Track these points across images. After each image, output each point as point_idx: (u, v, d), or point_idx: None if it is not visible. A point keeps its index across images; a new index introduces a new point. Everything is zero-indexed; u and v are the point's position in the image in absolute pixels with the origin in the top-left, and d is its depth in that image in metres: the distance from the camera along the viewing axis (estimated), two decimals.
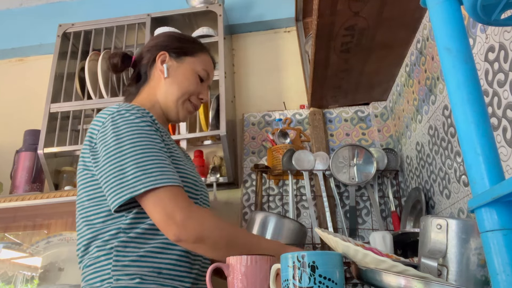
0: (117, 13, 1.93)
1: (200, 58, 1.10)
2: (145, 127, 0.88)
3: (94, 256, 0.87)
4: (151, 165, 0.83)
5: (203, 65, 1.10)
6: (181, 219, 0.80)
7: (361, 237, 1.51)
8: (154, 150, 0.86)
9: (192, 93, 1.07)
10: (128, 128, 0.86)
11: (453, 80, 0.48)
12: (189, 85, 1.06)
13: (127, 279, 0.82)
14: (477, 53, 0.90)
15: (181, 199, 0.83)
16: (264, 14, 2.03)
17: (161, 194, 0.82)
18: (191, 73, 1.07)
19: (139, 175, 0.81)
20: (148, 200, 0.82)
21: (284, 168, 1.56)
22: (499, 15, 0.48)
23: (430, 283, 0.52)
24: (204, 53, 1.13)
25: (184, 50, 1.09)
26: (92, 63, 1.75)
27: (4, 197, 1.59)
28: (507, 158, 0.81)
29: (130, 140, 0.85)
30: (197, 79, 1.08)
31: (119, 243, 0.85)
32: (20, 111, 2.06)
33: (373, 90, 1.66)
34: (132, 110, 0.90)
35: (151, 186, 0.81)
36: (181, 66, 1.07)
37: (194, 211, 0.82)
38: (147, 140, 0.86)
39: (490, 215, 0.43)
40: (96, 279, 0.85)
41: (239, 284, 0.68)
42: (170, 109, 1.06)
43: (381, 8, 1.17)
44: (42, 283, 1.46)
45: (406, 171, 1.52)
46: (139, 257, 0.85)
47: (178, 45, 1.09)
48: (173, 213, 0.80)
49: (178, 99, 1.05)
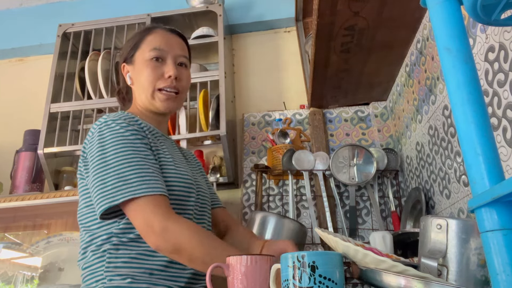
0: (117, 13, 1.93)
1: (145, 43, 1.04)
2: (129, 136, 0.89)
3: (90, 260, 0.90)
4: (132, 175, 0.84)
5: (149, 46, 1.03)
6: (159, 228, 0.81)
7: (361, 237, 1.51)
8: (136, 159, 0.86)
9: (153, 81, 1.00)
10: (113, 139, 0.88)
11: (453, 80, 0.48)
12: (146, 78, 1.00)
13: (119, 279, 0.85)
14: (477, 53, 0.90)
15: (161, 208, 0.83)
16: (264, 14, 2.03)
17: (141, 203, 0.83)
18: (143, 64, 1.02)
19: (120, 185, 0.83)
20: (129, 209, 0.84)
21: (284, 168, 1.56)
22: (499, 15, 0.48)
23: (430, 283, 0.52)
24: (149, 34, 1.06)
25: (131, 48, 1.06)
26: (92, 63, 1.75)
27: (4, 197, 1.59)
28: (507, 158, 0.81)
29: (113, 151, 0.87)
30: (152, 64, 1.01)
31: (112, 246, 0.88)
32: (20, 111, 2.06)
33: (373, 90, 1.66)
34: (118, 120, 0.92)
35: (130, 196, 0.82)
36: (135, 66, 1.04)
37: (172, 221, 0.82)
38: (131, 150, 0.87)
39: (490, 215, 0.43)
40: (92, 279, 0.88)
41: (239, 284, 0.68)
42: (149, 107, 1.03)
43: (381, 8, 1.17)
44: (42, 283, 1.46)
45: (406, 171, 1.52)
46: (131, 259, 0.87)
47: (127, 50, 1.07)
48: (152, 222, 0.82)
49: (147, 96, 1.01)
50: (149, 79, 1.00)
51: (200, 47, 1.82)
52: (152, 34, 1.05)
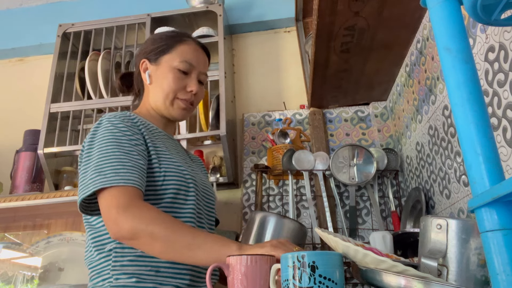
0: (117, 13, 1.93)
1: (177, 52, 1.05)
2: (117, 133, 0.90)
3: (96, 259, 0.90)
4: (108, 167, 0.84)
5: (182, 57, 1.05)
6: (115, 215, 0.79)
7: (361, 237, 1.51)
8: (116, 153, 0.86)
9: (175, 90, 1.03)
10: (101, 136, 0.89)
11: (453, 80, 0.48)
12: (169, 85, 1.02)
13: (125, 278, 0.85)
14: (477, 53, 0.90)
15: (126, 197, 0.81)
16: (264, 14, 2.03)
17: (110, 193, 0.82)
18: (169, 71, 1.03)
19: (95, 176, 0.84)
20: (99, 199, 0.84)
21: (284, 168, 1.56)
22: (499, 15, 0.48)
23: (430, 283, 0.52)
24: (183, 43, 1.07)
25: (159, 50, 1.06)
26: (92, 63, 1.75)
27: (4, 197, 1.59)
28: (507, 158, 0.81)
29: (98, 147, 0.88)
30: (178, 74, 1.03)
31: (117, 244, 0.87)
32: (20, 111, 2.06)
33: (373, 90, 1.66)
34: (113, 119, 0.92)
35: (100, 186, 0.82)
36: (159, 68, 1.05)
37: (132, 206, 0.79)
38: (113, 145, 0.87)
39: (490, 215, 0.43)
40: (98, 278, 0.88)
41: (239, 284, 0.68)
42: (163, 112, 1.05)
43: (381, 8, 1.17)
44: (42, 283, 1.46)
45: (406, 171, 1.52)
46: (136, 257, 0.86)
47: (153, 48, 1.07)
48: (110, 209, 0.80)
49: (165, 101, 1.03)
50: (172, 87, 1.02)
51: None
52: (185, 44, 1.07)
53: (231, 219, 1.65)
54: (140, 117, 1.00)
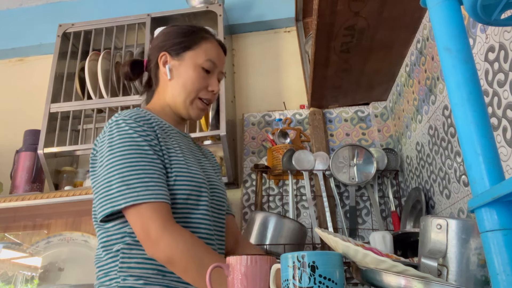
0: (117, 13, 1.93)
1: (202, 49, 1.03)
2: (137, 138, 0.88)
3: (104, 259, 0.90)
4: (136, 180, 0.83)
5: (206, 55, 1.02)
6: (155, 237, 0.81)
7: (361, 237, 1.51)
8: (142, 163, 0.85)
9: (198, 90, 1.01)
10: (121, 141, 0.87)
11: (453, 80, 0.48)
12: (194, 83, 1.00)
13: (132, 280, 0.84)
14: (477, 53, 0.90)
15: (160, 216, 0.82)
16: (264, 14, 2.03)
17: (142, 210, 0.82)
18: (194, 68, 1.01)
19: (123, 189, 0.83)
20: (130, 214, 0.84)
21: (284, 168, 1.56)
22: (499, 15, 0.48)
23: (430, 283, 0.52)
24: (207, 41, 1.05)
25: (183, 45, 1.03)
26: (92, 63, 1.75)
27: (4, 197, 1.59)
28: (507, 158, 0.81)
29: (120, 153, 0.86)
30: (201, 73, 1.01)
31: (125, 246, 0.87)
32: (20, 111, 2.06)
33: (373, 90, 1.66)
34: (129, 120, 0.90)
35: (131, 202, 0.82)
36: (182, 64, 1.02)
37: (169, 231, 0.81)
38: (137, 154, 0.86)
39: (490, 215, 0.43)
40: (105, 278, 0.88)
41: (239, 284, 0.68)
42: (180, 111, 1.02)
43: (381, 8, 1.17)
44: (42, 283, 1.46)
45: (406, 171, 1.52)
46: (144, 259, 0.86)
47: (176, 42, 1.03)
48: (149, 230, 0.81)
49: (185, 100, 1.00)
50: (195, 86, 1.00)
51: None
52: (209, 42, 1.05)
53: None
54: (153, 114, 0.97)
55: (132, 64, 1.09)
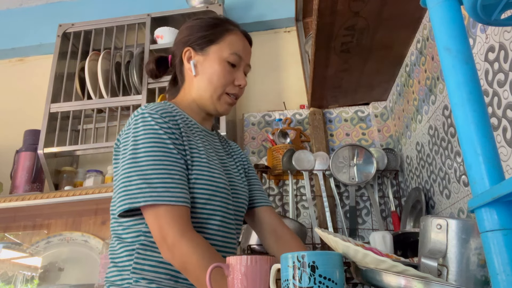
0: (117, 13, 1.93)
1: (226, 42, 1.00)
2: (163, 135, 0.86)
3: (118, 253, 0.89)
4: (158, 179, 0.81)
5: (231, 48, 0.99)
6: (172, 243, 0.79)
7: (361, 237, 1.51)
8: (165, 163, 0.83)
9: (225, 85, 0.98)
10: (146, 136, 0.85)
11: (453, 80, 0.48)
12: (220, 78, 0.97)
13: (145, 283, 0.83)
14: (477, 53, 0.90)
15: (178, 220, 0.81)
16: (264, 14, 2.03)
17: (161, 212, 0.81)
18: (219, 63, 0.98)
19: (143, 187, 0.81)
20: (148, 214, 0.82)
21: (284, 168, 1.56)
22: (499, 15, 0.48)
23: (430, 283, 0.52)
24: (231, 33, 1.01)
25: (207, 39, 1.00)
26: (92, 63, 1.75)
27: (4, 197, 1.59)
28: (507, 158, 0.81)
29: (144, 149, 0.84)
30: (227, 67, 0.98)
31: (140, 246, 0.86)
32: (20, 111, 2.06)
33: (373, 90, 1.66)
34: (155, 115, 0.87)
35: (151, 201, 0.80)
36: (207, 59, 0.99)
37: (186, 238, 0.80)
38: (161, 152, 0.84)
39: (490, 215, 0.43)
40: (118, 277, 0.87)
41: (239, 284, 0.68)
42: (208, 106, 0.99)
43: (381, 8, 1.17)
44: (42, 283, 1.46)
45: (406, 171, 1.52)
46: (157, 263, 0.85)
47: (200, 36, 1.00)
48: (166, 235, 0.80)
49: (212, 96, 0.97)
50: (222, 81, 0.98)
51: None
52: (233, 34, 1.02)
53: None
54: (179, 109, 0.95)
55: (158, 61, 1.06)
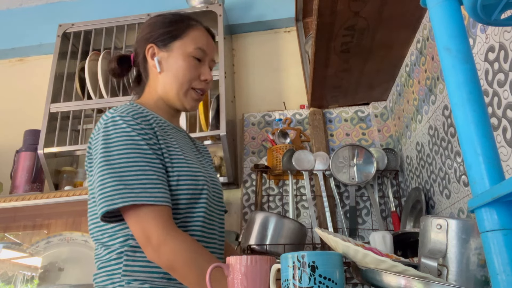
0: (117, 13, 1.93)
1: (190, 37, 0.99)
2: (135, 137, 0.84)
3: (105, 259, 0.87)
4: (133, 179, 0.81)
5: (195, 43, 0.99)
6: (156, 243, 0.79)
7: (361, 237, 1.51)
8: (140, 163, 0.82)
9: (190, 80, 0.97)
10: (118, 138, 0.84)
11: (453, 80, 0.48)
12: (185, 74, 0.97)
13: (137, 284, 0.83)
14: (477, 53, 0.90)
15: (161, 220, 0.80)
16: (264, 14, 2.03)
17: (141, 213, 0.80)
18: (184, 58, 0.97)
19: (120, 188, 0.80)
20: (129, 216, 0.81)
21: (284, 168, 1.56)
22: (499, 15, 0.48)
23: (430, 283, 0.52)
24: (194, 28, 1.01)
25: (170, 35, 0.99)
26: (92, 63, 1.75)
27: (4, 197, 1.59)
28: (507, 158, 0.81)
29: (117, 151, 0.83)
30: (192, 62, 0.98)
31: (129, 248, 0.85)
32: (20, 111, 2.06)
33: (373, 90, 1.66)
34: (126, 117, 0.86)
35: (130, 202, 0.79)
36: (171, 55, 0.98)
37: (170, 236, 0.80)
38: (135, 153, 0.83)
39: (490, 215, 0.43)
40: (108, 281, 0.86)
41: (239, 284, 0.68)
42: (175, 103, 0.99)
43: (381, 8, 1.17)
44: (42, 283, 1.46)
45: (406, 171, 1.52)
46: (148, 263, 0.84)
47: (162, 32, 0.99)
48: (150, 235, 0.79)
49: (179, 92, 0.97)
50: (187, 77, 0.97)
51: None
52: (196, 30, 1.01)
53: (231, 219, 1.65)
54: (150, 111, 0.94)
55: (119, 60, 1.05)
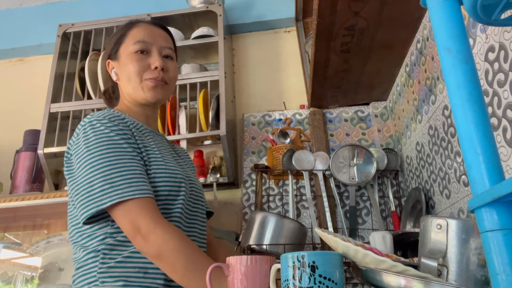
0: (117, 13, 1.93)
1: (129, 37, 1.04)
2: (114, 137, 0.88)
3: (83, 260, 0.89)
4: (118, 177, 0.83)
5: (134, 39, 1.03)
6: (146, 231, 0.81)
7: (361, 237, 1.51)
8: (122, 161, 0.85)
9: (139, 72, 1.00)
10: (98, 140, 0.87)
11: (453, 80, 0.48)
12: (132, 70, 1.00)
13: (111, 281, 0.83)
14: (477, 53, 0.90)
15: (148, 210, 0.83)
16: (264, 14, 2.03)
17: (129, 207, 0.82)
18: (127, 57, 1.02)
19: (106, 188, 0.82)
20: (116, 212, 0.84)
21: (284, 168, 1.56)
22: (499, 15, 0.48)
23: (430, 283, 0.52)
24: (132, 28, 1.06)
25: (116, 46, 1.05)
26: (92, 63, 1.75)
27: (4, 197, 1.59)
28: (507, 158, 0.81)
29: (99, 153, 0.86)
30: (136, 57, 1.01)
31: (106, 246, 0.86)
32: (20, 111, 2.06)
33: (373, 90, 1.66)
34: (103, 120, 0.90)
35: (117, 199, 0.82)
36: (120, 61, 1.04)
37: (160, 225, 0.82)
38: (116, 151, 0.86)
39: (490, 215, 0.43)
40: (84, 281, 0.87)
41: (239, 284, 0.68)
42: (137, 99, 1.02)
43: (381, 8, 1.17)
44: (42, 283, 1.46)
45: (406, 171, 1.52)
46: (124, 258, 0.86)
47: (111, 46, 1.07)
48: (139, 225, 0.81)
49: (135, 88, 1.01)
50: (135, 71, 1.00)
51: (200, 47, 1.82)
52: (135, 28, 1.05)
53: (231, 219, 1.65)
54: (126, 114, 0.99)
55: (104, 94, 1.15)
